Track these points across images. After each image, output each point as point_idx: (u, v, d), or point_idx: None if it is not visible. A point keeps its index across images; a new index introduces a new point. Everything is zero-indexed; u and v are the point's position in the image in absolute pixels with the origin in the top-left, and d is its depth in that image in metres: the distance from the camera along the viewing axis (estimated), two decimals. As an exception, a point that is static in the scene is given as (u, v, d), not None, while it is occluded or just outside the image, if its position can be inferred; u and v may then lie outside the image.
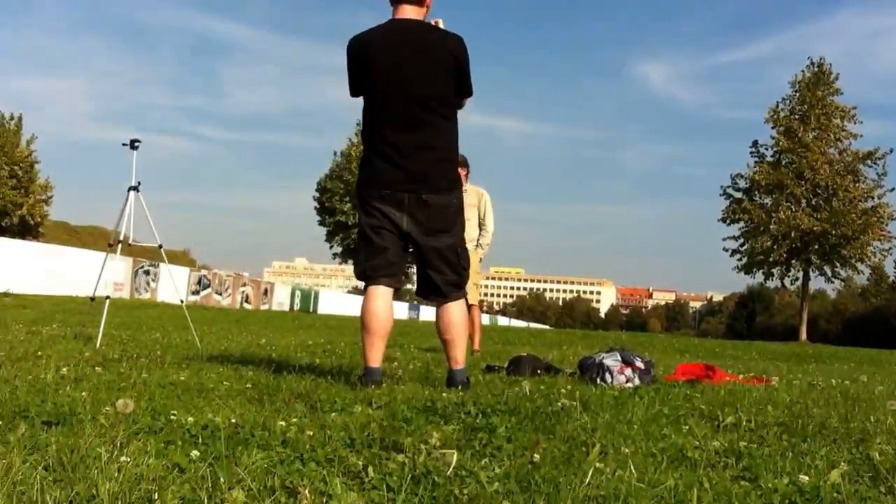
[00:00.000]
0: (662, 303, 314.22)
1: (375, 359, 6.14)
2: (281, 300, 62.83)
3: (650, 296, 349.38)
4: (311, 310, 64.02)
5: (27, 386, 5.27)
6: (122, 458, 3.16)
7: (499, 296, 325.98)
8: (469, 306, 11.25)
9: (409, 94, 5.92)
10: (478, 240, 11.16)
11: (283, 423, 4.06)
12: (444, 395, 5.55)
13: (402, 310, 79.07)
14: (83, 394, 4.94)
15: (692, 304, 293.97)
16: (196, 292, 49.04)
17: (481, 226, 11.20)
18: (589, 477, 3.09)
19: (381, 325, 6.10)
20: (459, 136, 6.32)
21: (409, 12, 6.02)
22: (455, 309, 6.25)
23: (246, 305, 55.37)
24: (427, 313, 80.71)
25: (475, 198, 11.20)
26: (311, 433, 3.86)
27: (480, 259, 11.21)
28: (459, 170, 10.61)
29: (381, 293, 6.12)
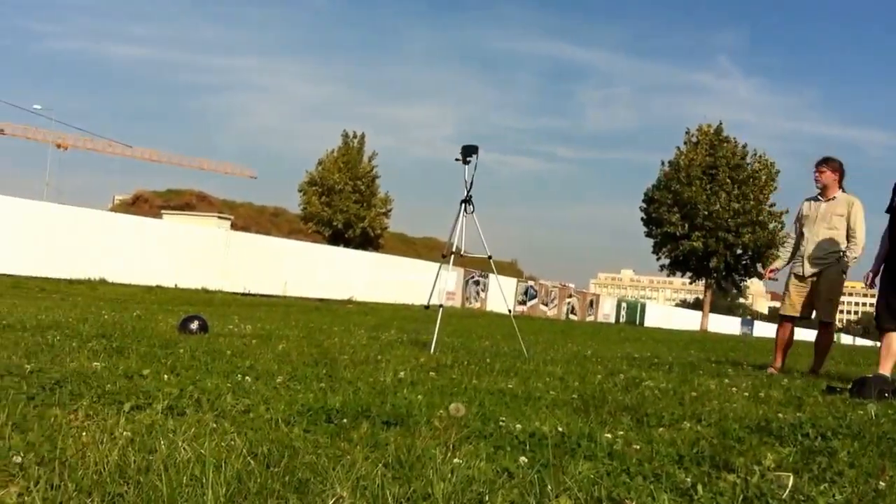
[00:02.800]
0: None
1: None
2: (606, 312, 62.77)
3: None
4: (638, 322, 63.37)
5: (368, 388, 5.61)
6: (455, 460, 3.27)
7: (841, 311, 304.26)
8: (822, 324, 10.57)
9: None
10: (843, 251, 10.26)
11: (609, 435, 4.02)
12: (780, 415, 5.25)
13: (734, 325, 76.25)
14: (419, 397, 5.18)
15: None
16: (523, 302, 50.21)
17: (849, 236, 10.30)
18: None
19: None
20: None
21: None
22: None
23: (571, 316, 55.89)
24: (760, 329, 77.18)
25: (844, 206, 10.28)
26: (638, 447, 3.79)
27: (844, 271, 10.29)
28: (831, 174, 9.90)
29: None
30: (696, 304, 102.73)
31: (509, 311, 13.38)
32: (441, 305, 10.54)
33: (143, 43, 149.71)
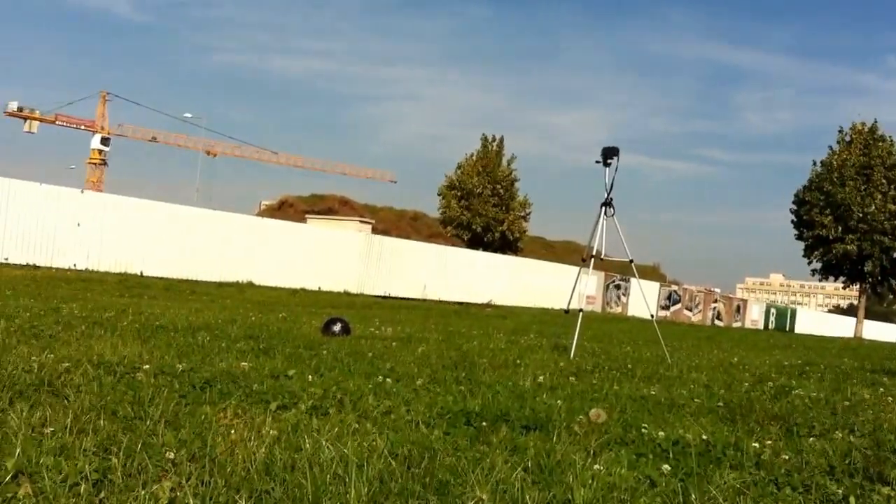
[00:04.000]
0: None
1: None
2: (755, 317, 60.94)
3: None
4: (788, 328, 61.28)
5: (507, 392, 5.61)
6: (596, 467, 3.22)
7: None
8: None
9: None
10: None
11: (756, 444, 3.89)
12: (942, 427, 4.96)
13: (891, 333, 72.85)
14: (558, 402, 5.14)
15: None
16: (666, 307, 49.28)
17: None
18: None
19: None
20: None
21: None
22: None
23: (717, 322, 54.49)
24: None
25: None
26: (787, 457, 3.65)
27: None
28: None
29: None
30: (850, 310, 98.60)
31: (651, 315, 13.15)
32: (581, 310, 10.45)
33: (307, 56, 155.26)
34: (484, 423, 4.22)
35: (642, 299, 39.52)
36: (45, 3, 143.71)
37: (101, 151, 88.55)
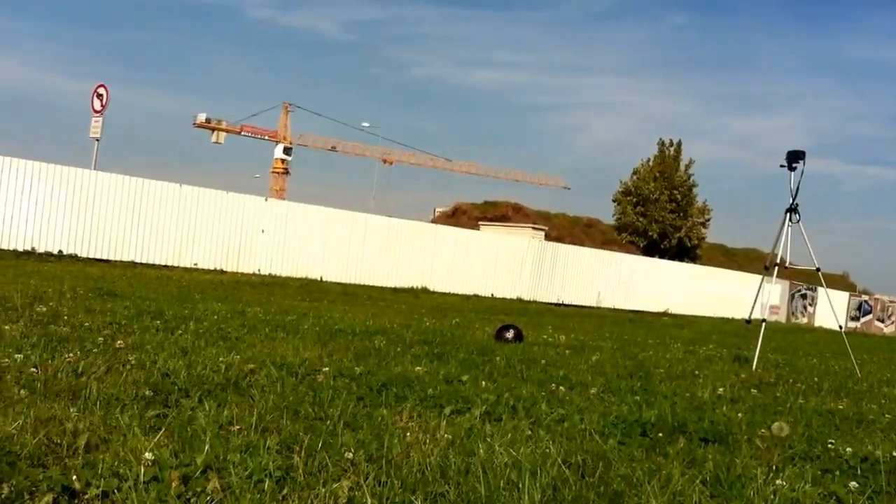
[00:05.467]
0: None
1: None
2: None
3: None
4: None
5: (685, 403, 5.47)
6: (778, 482, 3.10)
7: None
8: None
9: None
10: None
11: (957, 465, 3.64)
12: None
13: None
14: (739, 414, 4.97)
15: None
16: (856, 318, 46.90)
17: None
18: None
19: None
20: None
21: None
22: None
23: (911, 334, 51.36)
24: None
25: None
26: None
27: None
28: None
29: None
30: None
31: (840, 327, 12.53)
32: (764, 320, 10.09)
33: (501, 68, 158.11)
34: (660, 434, 4.14)
35: (830, 309, 37.80)
36: (254, 21, 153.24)
37: (283, 161, 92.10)
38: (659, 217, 60.05)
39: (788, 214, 9.72)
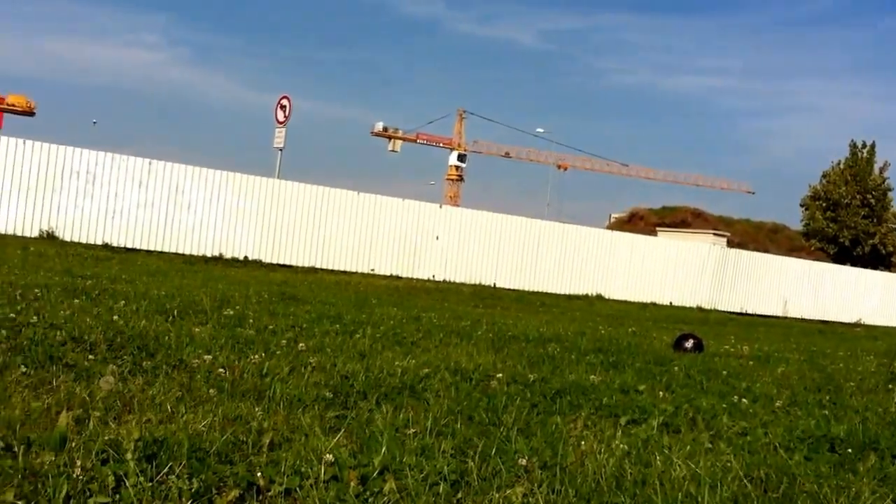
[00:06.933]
0: None
1: None
2: None
3: None
4: None
5: (877, 418, 5.17)
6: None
7: None
8: None
9: None
10: None
11: None
12: None
13: None
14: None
15: None
16: None
17: None
18: None
19: None
20: None
21: None
22: None
23: None
24: None
25: None
26: None
27: None
28: None
29: None
30: None
31: None
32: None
33: (702, 73, 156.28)
34: (849, 451, 3.92)
35: None
36: (454, 34, 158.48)
37: (458, 168, 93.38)
38: (851, 222, 57.12)
39: None
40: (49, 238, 19.38)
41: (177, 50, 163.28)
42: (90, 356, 4.76)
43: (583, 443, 3.71)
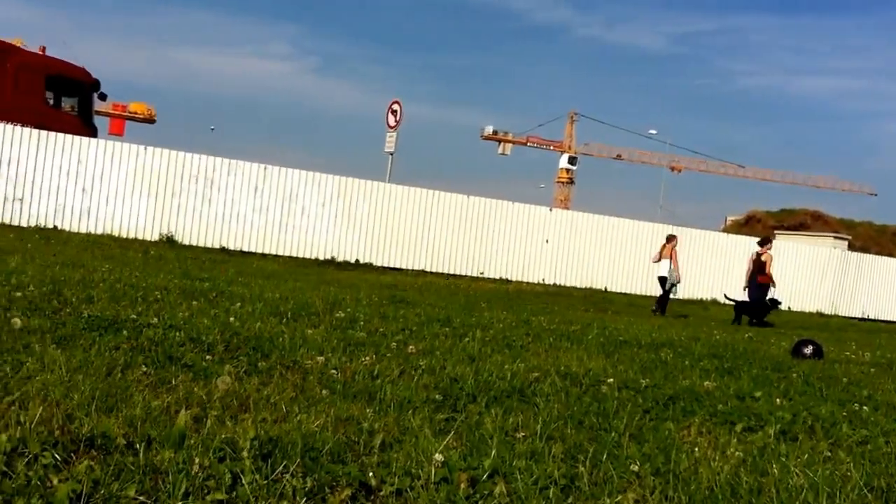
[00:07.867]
0: None
1: None
2: None
3: None
4: None
5: None
6: None
7: None
8: None
9: None
10: None
11: None
12: None
13: None
14: None
15: None
16: None
17: None
18: None
19: None
20: None
21: None
22: None
23: None
24: None
25: None
26: None
27: None
28: None
29: None
30: None
31: None
32: None
33: (834, 74, 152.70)
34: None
35: None
36: (580, 39, 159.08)
37: (568, 170, 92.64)
38: (980, 225, 54.49)
39: None
40: (168, 241, 20.07)
41: (306, 60, 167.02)
42: (208, 356, 4.91)
43: (696, 449, 3.64)
